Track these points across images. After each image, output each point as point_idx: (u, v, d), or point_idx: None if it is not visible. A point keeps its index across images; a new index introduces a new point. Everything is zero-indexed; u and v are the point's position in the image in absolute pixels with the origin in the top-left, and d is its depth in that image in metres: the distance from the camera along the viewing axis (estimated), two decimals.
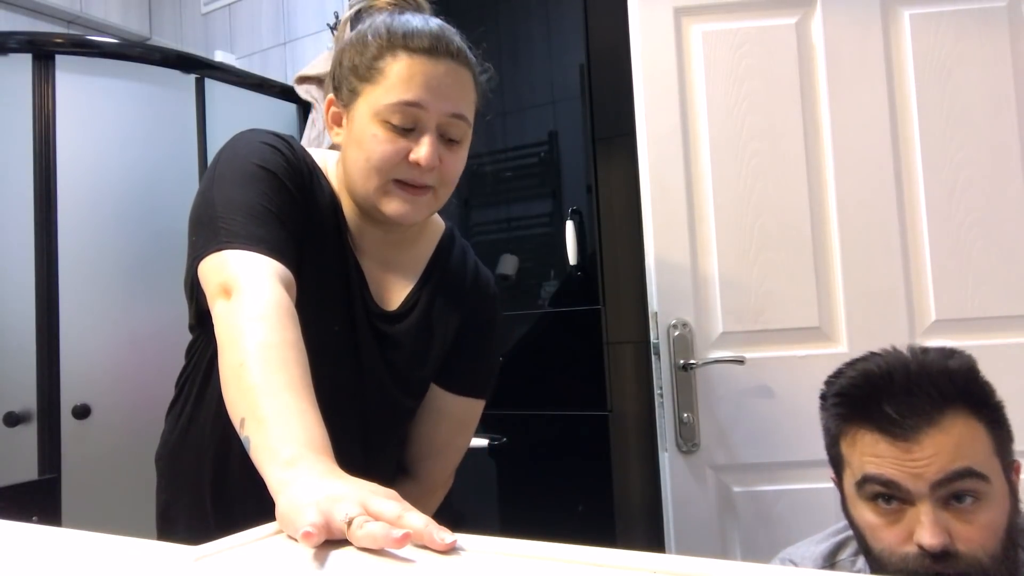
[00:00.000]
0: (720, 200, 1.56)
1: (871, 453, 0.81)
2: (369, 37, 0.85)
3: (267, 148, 0.85)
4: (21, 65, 1.73)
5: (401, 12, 0.88)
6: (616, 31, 1.68)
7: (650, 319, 1.57)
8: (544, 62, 1.81)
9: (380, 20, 0.87)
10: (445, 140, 0.86)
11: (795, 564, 0.98)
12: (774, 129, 1.54)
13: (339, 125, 0.90)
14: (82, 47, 1.81)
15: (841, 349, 1.50)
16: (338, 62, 0.89)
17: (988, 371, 1.40)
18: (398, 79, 0.83)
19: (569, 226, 1.71)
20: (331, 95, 0.90)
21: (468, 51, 0.89)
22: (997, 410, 0.84)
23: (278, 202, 0.82)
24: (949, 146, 1.48)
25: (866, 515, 0.83)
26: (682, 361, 1.54)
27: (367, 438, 0.94)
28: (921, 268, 1.48)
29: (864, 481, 0.82)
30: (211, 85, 1.95)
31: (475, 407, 1.03)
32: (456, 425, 1.03)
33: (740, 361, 1.51)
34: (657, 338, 1.56)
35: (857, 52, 1.52)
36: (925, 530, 0.77)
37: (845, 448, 0.86)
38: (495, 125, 1.87)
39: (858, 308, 1.49)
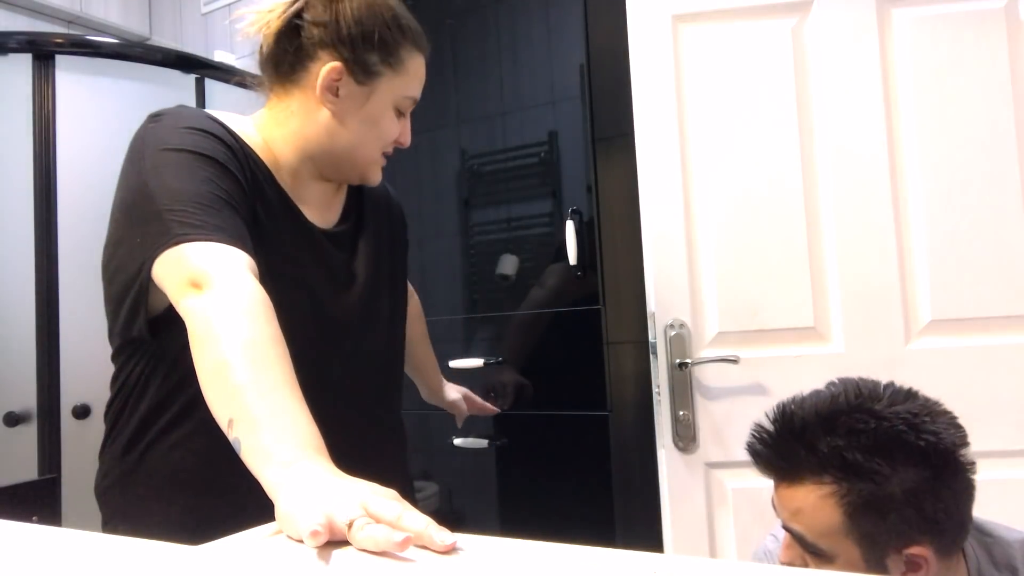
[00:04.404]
0: (716, 202, 1.56)
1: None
2: (388, 21, 0.90)
3: (196, 132, 0.83)
4: (21, 65, 1.73)
5: None
6: (616, 31, 1.69)
7: (648, 319, 1.58)
8: (544, 62, 1.81)
9: (386, 5, 0.90)
10: None
11: (778, 541, 1.00)
12: (770, 131, 1.55)
13: (333, 92, 0.89)
14: (82, 47, 1.81)
15: (836, 349, 1.50)
16: (357, 23, 0.88)
17: (983, 371, 1.42)
18: (414, 75, 0.94)
19: (569, 226, 1.71)
20: (336, 63, 0.88)
21: None
22: (881, 499, 0.78)
23: (225, 188, 0.80)
24: (945, 147, 1.48)
25: None
26: (679, 360, 1.54)
27: (377, 371, 1.00)
28: (916, 268, 1.48)
29: None
30: (211, 85, 1.95)
31: None
32: None
33: (735, 360, 1.51)
34: (654, 338, 1.56)
35: (852, 54, 1.52)
36: (780, 550, 0.88)
37: None
38: (495, 125, 1.87)
39: (853, 308, 1.50)
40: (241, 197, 0.82)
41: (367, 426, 0.98)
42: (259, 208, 0.86)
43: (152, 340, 0.83)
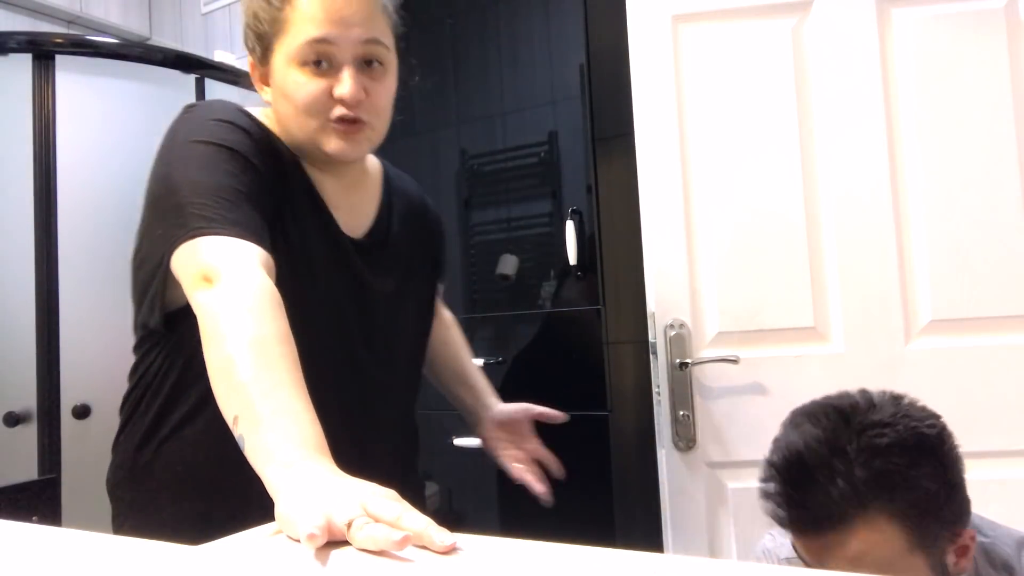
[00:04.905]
0: (716, 202, 1.56)
1: (792, 535, 0.84)
2: None
3: (224, 125, 0.83)
4: (21, 65, 1.73)
5: None
6: (616, 31, 1.69)
7: (648, 319, 1.58)
8: (544, 62, 1.81)
9: None
10: (368, 70, 0.86)
11: (777, 540, 1.00)
12: (770, 131, 1.54)
13: (266, 84, 0.89)
14: (82, 47, 1.80)
15: (836, 349, 1.50)
16: (246, 24, 0.88)
17: (983, 371, 1.42)
18: (301, 21, 0.83)
19: (569, 226, 1.71)
20: (250, 58, 0.90)
21: None
22: (930, 498, 0.78)
23: (247, 181, 0.80)
24: (945, 148, 1.48)
25: None
26: (679, 360, 1.54)
27: (391, 376, 0.97)
28: (917, 268, 1.48)
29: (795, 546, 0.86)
30: (211, 85, 1.95)
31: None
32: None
33: (735, 360, 1.51)
34: (654, 338, 1.56)
35: (852, 54, 1.52)
36: None
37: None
38: (495, 125, 1.87)
39: (853, 308, 1.50)
40: (263, 191, 0.81)
41: (380, 434, 0.96)
42: (286, 208, 0.86)
43: (169, 333, 0.84)
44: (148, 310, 0.83)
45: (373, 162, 1.05)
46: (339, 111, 0.84)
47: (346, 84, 0.83)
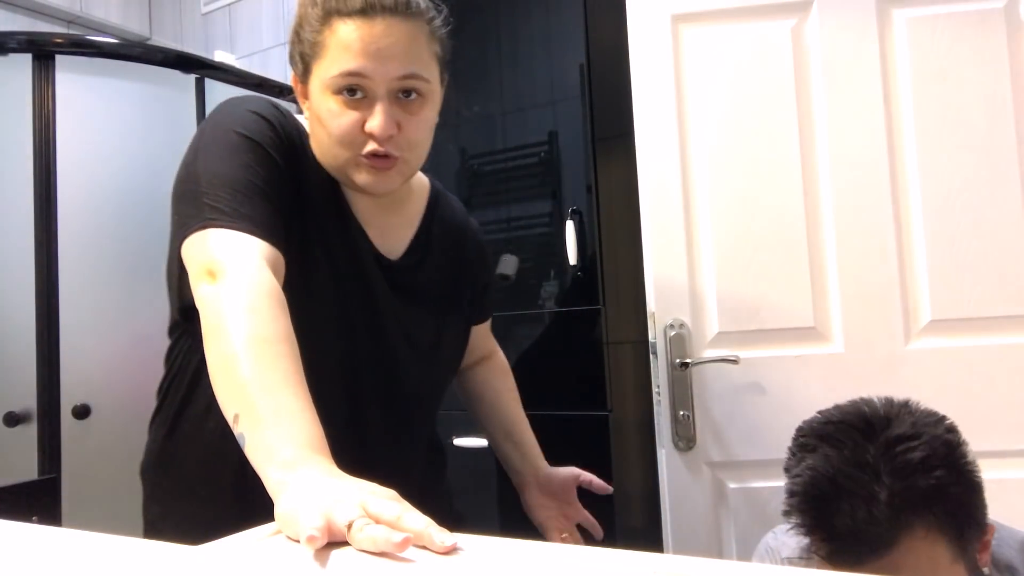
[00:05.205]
0: (716, 202, 1.56)
1: (831, 565, 0.77)
2: (308, 9, 0.82)
3: (252, 116, 0.82)
4: (21, 65, 1.73)
5: None
6: (616, 31, 1.68)
7: (648, 319, 1.58)
8: (544, 62, 1.81)
9: None
10: (404, 100, 0.82)
11: (778, 538, 0.99)
12: (770, 131, 1.54)
13: (307, 98, 0.87)
14: (82, 47, 1.81)
15: (836, 349, 1.50)
16: (290, 40, 0.87)
17: (983, 371, 1.42)
18: (337, 49, 0.79)
19: (569, 226, 1.71)
20: (294, 73, 0.87)
21: None
22: (965, 505, 0.76)
23: (264, 175, 0.79)
24: (945, 148, 1.48)
25: None
26: (679, 360, 1.54)
27: (399, 402, 0.93)
28: (916, 268, 1.48)
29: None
30: (211, 85, 1.95)
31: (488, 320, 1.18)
32: (483, 336, 1.18)
33: (735, 360, 1.51)
34: (655, 338, 1.56)
35: (852, 54, 1.52)
36: None
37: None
38: (495, 125, 1.87)
39: (853, 308, 1.50)
40: (280, 186, 0.81)
41: (368, 450, 0.92)
42: (308, 212, 0.85)
43: (186, 323, 0.84)
44: (171, 297, 0.84)
45: (421, 182, 1.01)
46: (371, 146, 0.81)
47: (377, 119, 0.79)
